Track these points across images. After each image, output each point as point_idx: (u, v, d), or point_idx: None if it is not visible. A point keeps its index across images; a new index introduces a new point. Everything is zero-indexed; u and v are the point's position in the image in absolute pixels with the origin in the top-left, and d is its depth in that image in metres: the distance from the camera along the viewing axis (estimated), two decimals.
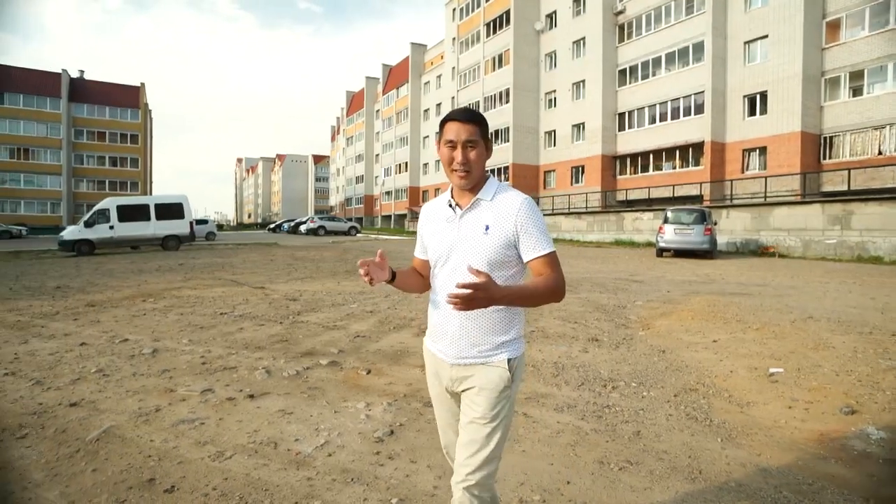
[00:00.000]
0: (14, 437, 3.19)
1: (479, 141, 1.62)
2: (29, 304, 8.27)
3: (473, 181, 1.63)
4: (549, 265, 1.58)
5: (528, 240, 1.58)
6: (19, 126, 57.27)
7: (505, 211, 1.60)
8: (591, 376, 4.31)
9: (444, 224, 1.70)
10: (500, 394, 1.60)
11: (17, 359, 4.99)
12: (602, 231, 26.35)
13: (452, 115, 1.64)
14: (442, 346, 1.68)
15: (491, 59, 38.89)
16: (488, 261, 1.58)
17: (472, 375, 1.63)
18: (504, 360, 1.62)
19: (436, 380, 1.76)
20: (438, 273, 1.69)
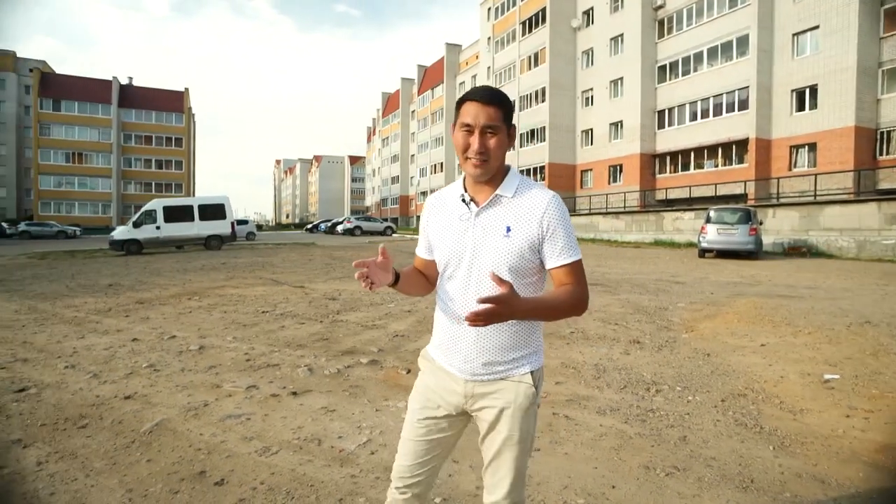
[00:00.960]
0: (76, 426, 3.35)
1: (501, 126, 1.39)
2: (84, 301, 8.67)
3: (490, 172, 1.40)
4: (573, 274, 1.40)
5: (554, 244, 1.39)
6: (74, 132, 60.19)
7: (529, 210, 1.40)
8: (634, 379, 4.22)
9: (457, 222, 1.46)
10: (527, 411, 1.45)
11: (75, 353, 5.24)
12: (641, 231, 25.81)
13: (471, 94, 1.39)
14: (455, 361, 1.47)
15: (526, 58, 38.62)
16: (509, 267, 1.38)
17: (492, 392, 1.45)
18: (528, 374, 1.46)
19: (437, 389, 1.53)
20: (449, 279, 1.48)
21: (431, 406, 1.53)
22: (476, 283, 1.41)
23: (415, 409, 1.56)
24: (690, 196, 27.33)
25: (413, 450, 1.53)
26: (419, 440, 1.53)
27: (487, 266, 1.39)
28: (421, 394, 1.56)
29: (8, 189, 61.26)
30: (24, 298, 9.17)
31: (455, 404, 1.50)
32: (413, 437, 1.54)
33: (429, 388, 1.55)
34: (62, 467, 2.80)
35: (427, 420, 1.53)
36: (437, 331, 1.56)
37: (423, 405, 1.54)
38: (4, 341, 5.79)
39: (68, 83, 61.39)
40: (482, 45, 47.50)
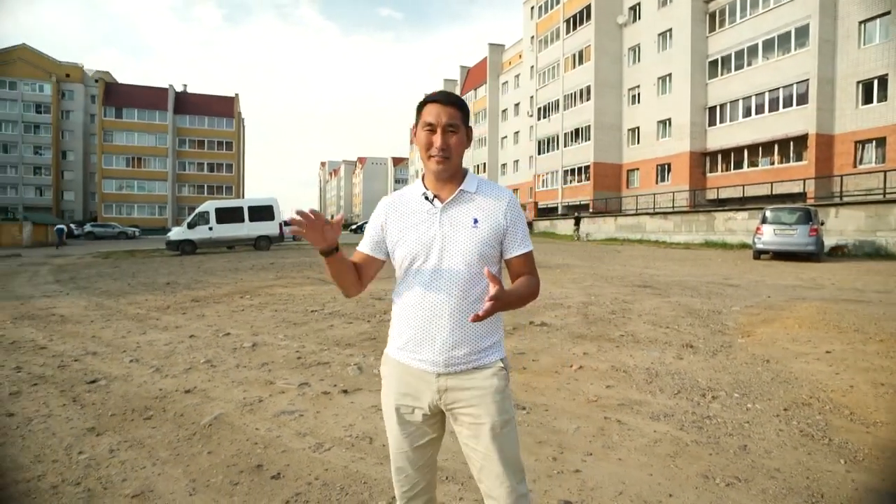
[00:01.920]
0: (142, 417, 3.52)
1: (461, 126, 1.50)
2: (145, 299, 9.11)
3: (451, 169, 1.50)
4: (530, 263, 1.57)
5: (514, 236, 1.53)
6: (134, 137, 63.43)
7: (494, 204, 1.52)
8: (688, 384, 4.09)
9: (422, 217, 1.52)
10: (503, 394, 1.50)
11: (139, 347, 5.51)
12: (690, 232, 24.98)
13: (432, 97, 1.51)
14: (426, 355, 1.48)
15: (571, 56, 38.06)
16: (479, 255, 1.47)
17: (464, 383, 1.48)
18: (498, 361, 1.53)
19: (405, 396, 1.53)
20: (417, 273, 1.50)
21: (406, 414, 1.53)
22: (447, 273, 1.47)
23: (389, 418, 1.57)
24: (744, 195, 26.24)
25: (402, 460, 1.56)
26: (404, 451, 1.55)
27: (458, 256, 1.47)
28: (389, 402, 1.56)
29: (75, 193, 65.13)
30: (91, 295, 9.72)
31: (429, 403, 1.51)
32: (397, 446, 1.56)
33: (399, 395, 1.54)
34: (132, 455, 2.95)
35: (406, 427, 1.54)
36: (400, 330, 1.55)
37: (395, 412, 1.54)
38: (76, 335, 6.16)
39: (129, 92, 64.74)
40: (525, 44, 47.12)
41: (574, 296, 8.51)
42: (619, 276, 11.48)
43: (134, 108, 63.56)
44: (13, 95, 61.55)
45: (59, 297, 9.67)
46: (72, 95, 64.48)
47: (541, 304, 7.68)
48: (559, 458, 2.87)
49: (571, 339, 5.63)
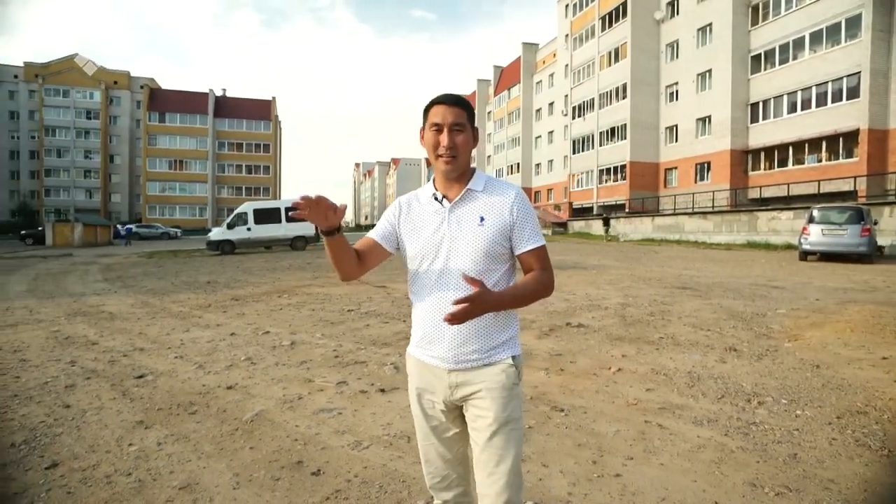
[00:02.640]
0: (187, 412, 3.63)
1: (467, 125, 1.53)
2: (187, 297, 9.40)
3: (459, 168, 1.54)
4: (541, 259, 1.55)
5: (522, 231, 1.53)
6: (176, 141, 65.63)
7: (500, 201, 1.54)
8: (732, 389, 3.96)
9: (431, 218, 1.56)
10: (510, 392, 1.51)
11: (182, 344, 5.68)
12: (731, 232, 24.24)
13: (438, 98, 1.55)
14: (438, 351, 1.53)
15: (606, 54, 37.46)
16: (485, 253, 1.50)
17: (474, 378, 1.51)
18: (508, 358, 1.54)
19: (425, 392, 1.59)
20: (426, 272, 1.55)
21: (428, 408, 1.59)
22: (455, 271, 1.50)
23: (415, 414, 1.63)
24: (788, 194, 25.29)
25: (432, 454, 1.60)
26: (431, 444, 1.60)
27: (464, 253, 1.50)
28: (413, 398, 1.62)
29: (122, 195, 67.91)
30: (137, 294, 10.09)
31: (444, 398, 1.55)
32: (425, 441, 1.61)
33: (418, 388, 1.60)
34: (178, 449, 3.04)
35: (429, 422, 1.59)
36: (416, 328, 1.61)
37: (419, 407, 1.60)
38: (124, 332, 6.40)
39: (171, 97, 67.04)
40: (559, 42, 46.62)
41: (611, 297, 8.36)
42: (657, 277, 11.22)
43: (176, 113, 65.80)
44: (66, 103, 64.58)
45: (108, 294, 10.07)
46: (119, 102, 67.30)
47: (577, 305, 7.58)
48: (599, 462, 2.82)
49: (609, 340, 5.53)
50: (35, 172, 64.94)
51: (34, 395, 4.01)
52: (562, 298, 8.29)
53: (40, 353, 5.40)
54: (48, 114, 64.09)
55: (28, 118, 64.81)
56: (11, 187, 64.81)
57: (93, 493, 2.55)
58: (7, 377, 4.51)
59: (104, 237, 38.61)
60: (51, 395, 4.01)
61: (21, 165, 65.10)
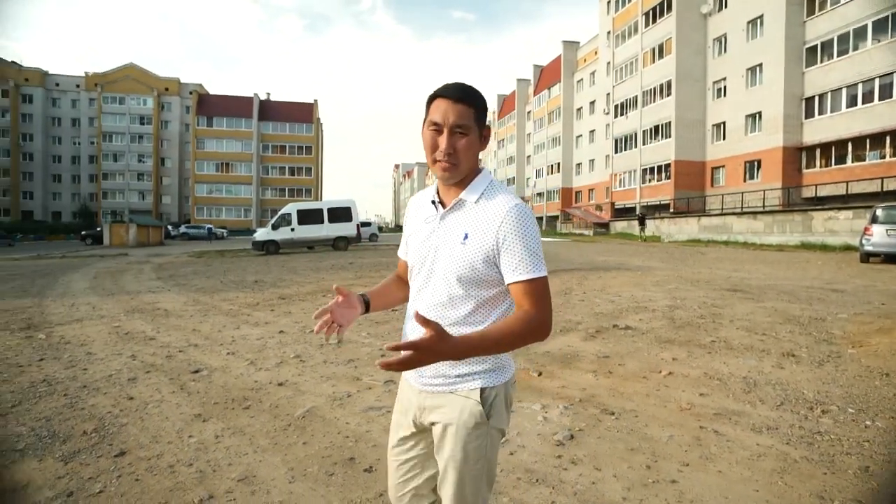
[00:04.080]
0: (241, 407, 3.74)
1: (472, 127, 1.28)
2: (236, 296, 9.70)
3: (459, 175, 1.30)
4: (530, 295, 1.23)
5: (510, 258, 1.24)
6: (223, 144, 67.92)
7: (488, 218, 1.27)
8: (792, 396, 3.79)
9: (424, 225, 1.39)
10: (470, 432, 1.29)
11: (234, 341, 5.87)
12: (784, 232, 23.25)
13: (441, 90, 1.28)
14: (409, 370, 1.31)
15: (650, 51, 36.59)
16: (458, 277, 1.28)
17: (438, 406, 1.34)
18: (475, 391, 1.30)
19: (401, 406, 1.47)
20: (413, 286, 1.40)
21: (398, 425, 1.48)
22: (431, 291, 1.34)
23: (391, 430, 1.52)
24: (847, 192, 24.06)
25: (395, 473, 1.47)
26: (396, 460, 1.47)
27: (441, 273, 1.31)
28: (393, 413, 1.52)
29: (172, 197, 70.81)
30: (189, 292, 10.48)
31: (413, 418, 1.41)
32: (392, 457, 1.49)
33: (398, 404, 1.50)
34: (234, 442, 3.14)
35: (399, 441, 1.47)
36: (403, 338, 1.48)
37: (394, 424, 1.50)
38: (179, 328, 6.66)
39: (218, 102, 69.43)
40: (601, 40, 45.82)
41: (658, 299, 8.15)
42: (706, 279, 10.87)
43: (223, 117, 68.14)
44: (122, 110, 67.92)
45: (162, 292, 10.50)
46: (170, 107, 70.23)
47: (624, 307, 7.42)
48: (653, 467, 2.75)
49: (658, 343, 5.39)
50: (94, 176, 68.48)
51: (101, 387, 4.22)
52: (607, 300, 8.14)
53: (104, 347, 5.68)
54: (106, 120, 67.52)
55: (88, 125, 68.52)
56: (73, 190, 68.64)
57: (158, 481, 2.66)
58: (76, 369, 4.77)
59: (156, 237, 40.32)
60: (115, 387, 4.21)
61: (81, 170, 68.84)
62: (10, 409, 3.74)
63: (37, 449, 3.07)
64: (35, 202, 67.44)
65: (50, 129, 68.35)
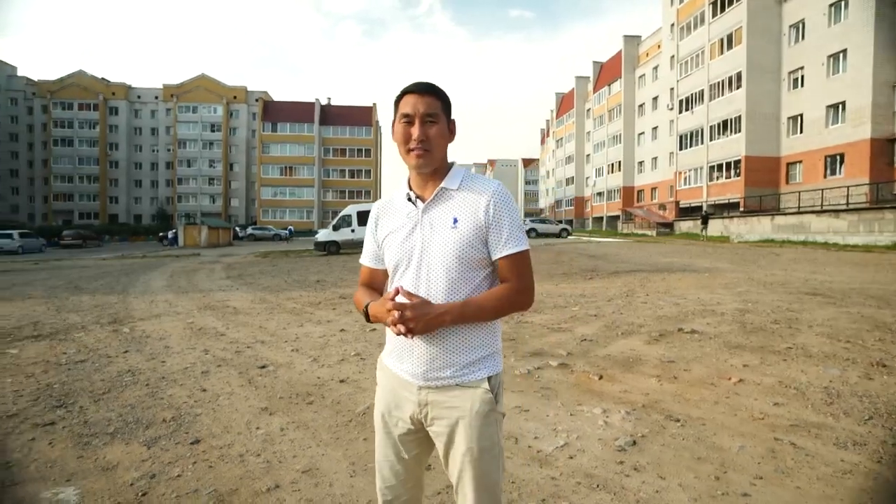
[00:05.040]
0: (304, 402, 3.88)
1: (441, 115, 1.39)
2: (300, 294, 10.06)
3: (433, 163, 1.38)
4: (518, 266, 1.37)
5: (498, 234, 1.36)
6: (286, 149, 70.64)
7: (475, 199, 1.37)
8: (883, 410, 3.50)
9: (405, 221, 1.43)
10: (482, 420, 1.35)
11: (297, 339, 6.08)
12: (871, 232, 21.51)
13: (408, 87, 1.40)
14: (407, 366, 1.40)
15: (718, 41, 34.88)
16: (458, 259, 1.35)
17: (445, 401, 1.37)
18: (483, 379, 1.38)
19: (392, 406, 1.45)
20: (399, 280, 1.42)
21: (392, 424, 1.46)
22: (426, 280, 1.37)
23: (378, 426, 1.50)
24: None
25: (387, 472, 1.47)
26: (389, 460, 1.46)
27: (436, 260, 1.36)
28: (379, 408, 1.50)
29: (239, 200, 74.38)
30: (255, 290, 10.97)
31: (411, 415, 1.41)
32: (381, 456, 1.48)
33: (386, 403, 1.47)
34: (299, 435, 3.25)
35: (391, 436, 1.46)
36: (389, 336, 1.49)
37: (383, 420, 1.48)
38: (247, 325, 6.98)
39: (282, 108, 72.30)
40: (664, 32, 44.16)
41: (727, 302, 7.76)
42: (780, 281, 10.24)
43: (286, 122, 70.91)
44: (195, 118, 72.12)
45: (231, 291, 11.04)
46: (238, 114, 73.82)
47: (689, 310, 7.12)
48: (722, 479, 2.62)
49: (727, 348, 5.13)
50: (170, 181, 73.00)
51: (177, 378, 4.50)
52: (672, 303, 7.83)
53: (180, 341, 6.04)
54: (180, 129, 71.92)
55: (165, 133, 73.21)
56: (152, 195, 73.53)
57: (229, 469, 2.81)
58: (156, 361, 5.11)
59: (225, 238, 42.46)
60: (190, 379, 4.47)
61: (159, 175, 73.61)
62: (101, 396, 4.06)
63: (124, 433, 3.31)
64: (120, 206, 72.71)
65: (132, 138, 73.50)
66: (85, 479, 2.74)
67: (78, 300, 9.89)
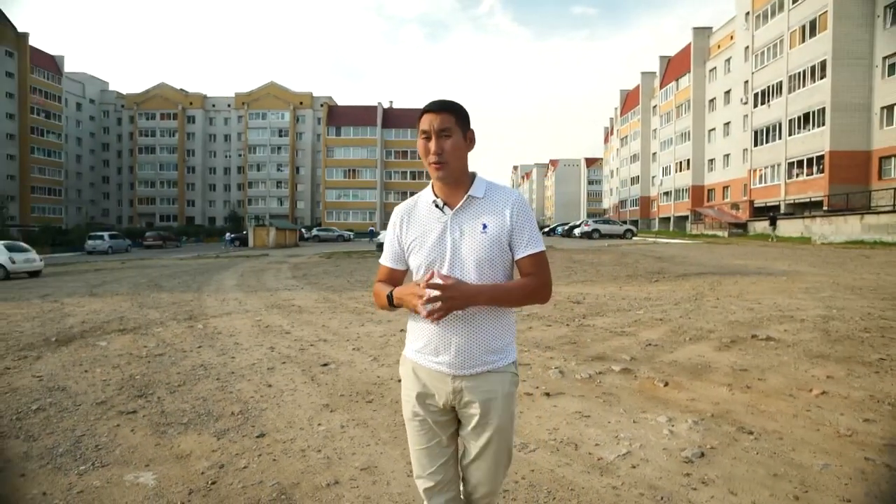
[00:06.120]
0: (364, 400, 3.95)
1: (455, 129, 1.52)
2: (361, 294, 10.28)
3: (452, 174, 1.53)
4: (536, 264, 1.55)
5: (520, 236, 1.54)
6: (350, 152, 72.56)
7: (500, 206, 1.55)
8: None
9: (434, 225, 1.56)
10: (507, 398, 1.56)
11: (359, 338, 6.21)
12: None
13: (426, 107, 1.55)
14: (444, 358, 1.54)
15: (799, 29, 32.63)
16: (489, 261, 1.51)
17: (479, 385, 1.54)
18: (509, 364, 1.59)
19: (426, 396, 1.58)
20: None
21: (423, 413, 1.59)
22: (459, 277, 1.50)
23: (409, 419, 1.62)
24: None
25: (425, 460, 1.60)
26: (425, 448, 1.59)
27: (468, 262, 1.51)
28: (410, 403, 1.61)
29: (305, 202, 77.18)
30: (319, 290, 11.32)
31: (444, 402, 1.56)
32: (418, 446, 1.61)
33: (418, 394, 1.59)
34: (358, 433, 3.31)
35: (425, 426, 1.59)
36: (419, 334, 1.60)
37: (415, 413, 1.60)
38: (311, 324, 7.21)
39: (346, 112, 74.34)
40: (738, 22, 41.84)
41: (808, 308, 7.23)
42: (871, 286, 9.43)
43: (350, 126, 72.85)
44: (264, 124, 75.59)
45: (297, 290, 11.45)
46: (304, 119, 76.66)
47: (764, 316, 6.70)
48: (803, 499, 2.43)
49: (808, 358, 4.77)
50: (241, 185, 76.85)
51: (245, 374, 4.70)
52: (745, 307, 7.39)
53: (248, 338, 6.32)
54: (251, 134, 75.56)
55: (237, 139, 77.20)
56: (224, 198, 77.74)
57: (291, 463, 2.90)
58: (226, 357, 5.37)
59: (291, 239, 44.16)
60: (257, 375, 4.66)
61: (231, 179, 77.74)
62: (177, 388, 4.31)
63: (196, 424, 3.50)
64: (196, 209, 77.36)
65: (207, 144, 78.03)
66: (161, 465, 2.91)
67: (158, 297, 10.59)
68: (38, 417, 3.70)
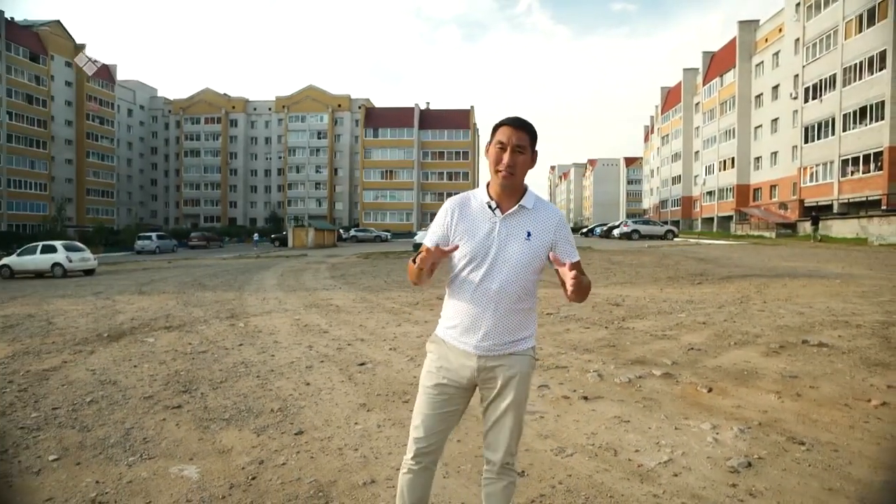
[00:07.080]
0: (401, 400, 3.96)
1: (528, 148, 1.71)
2: (398, 295, 10.35)
3: (515, 185, 1.72)
4: (580, 269, 1.70)
5: (564, 247, 1.75)
6: (387, 153, 73.29)
7: (546, 221, 1.75)
8: None
9: (485, 223, 1.74)
10: (525, 378, 1.75)
11: (395, 338, 6.25)
12: None
13: (506, 120, 1.73)
14: (472, 340, 1.73)
15: (855, 18, 31.07)
16: (528, 265, 1.71)
17: (502, 364, 1.73)
18: (530, 349, 1.79)
19: (449, 370, 1.77)
20: (472, 272, 1.73)
21: (444, 383, 1.77)
22: (499, 276, 1.70)
23: (428, 387, 1.80)
24: None
25: (429, 423, 1.77)
26: (434, 413, 1.77)
27: (509, 262, 1.70)
28: (433, 373, 1.79)
29: (343, 203, 78.42)
30: (357, 290, 11.46)
31: (467, 378, 1.76)
32: (428, 410, 1.78)
33: (441, 367, 1.78)
34: (394, 433, 3.32)
35: (441, 395, 1.77)
36: (452, 315, 1.80)
37: (436, 382, 1.78)
38: (348, 323, 7.30)
39: (383, 114, 75.13)
40: (787, 13, 40.22)
41: (865, 313, 6.87)
42: None
43: (387, 128, 73.59)
44: (303, 127, 77.29)
45: (335, 290, 11.63)
46: (342, 122, 77.94)
47: (816, 321, 6.40)
48: None
49: (865, 366, 4.53)
50: (281, 186, 78.75)
51: (284, 372, 4.80)
52: (795, 311, 7.08)
53: (287, 336, 6.45)
54: (290, 137, 77.39)
55: (277, 142, 79.18)
56: (265, 199, 79.85)
57: (329, 461, 2.93)
58: (266, 355, 5.49)
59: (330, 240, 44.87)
60: (296, 373, 4.74)
61: (272, 181, 79.80)
62: (219, 384, 4.43)
63: (237, 420, 3.58)
64: (238, 210, 79.71)
65: (249, 147, 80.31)
66: (204, 459, 2.99)
67: (202, 296, 10.94)
68: (92, 409, 3.87)
